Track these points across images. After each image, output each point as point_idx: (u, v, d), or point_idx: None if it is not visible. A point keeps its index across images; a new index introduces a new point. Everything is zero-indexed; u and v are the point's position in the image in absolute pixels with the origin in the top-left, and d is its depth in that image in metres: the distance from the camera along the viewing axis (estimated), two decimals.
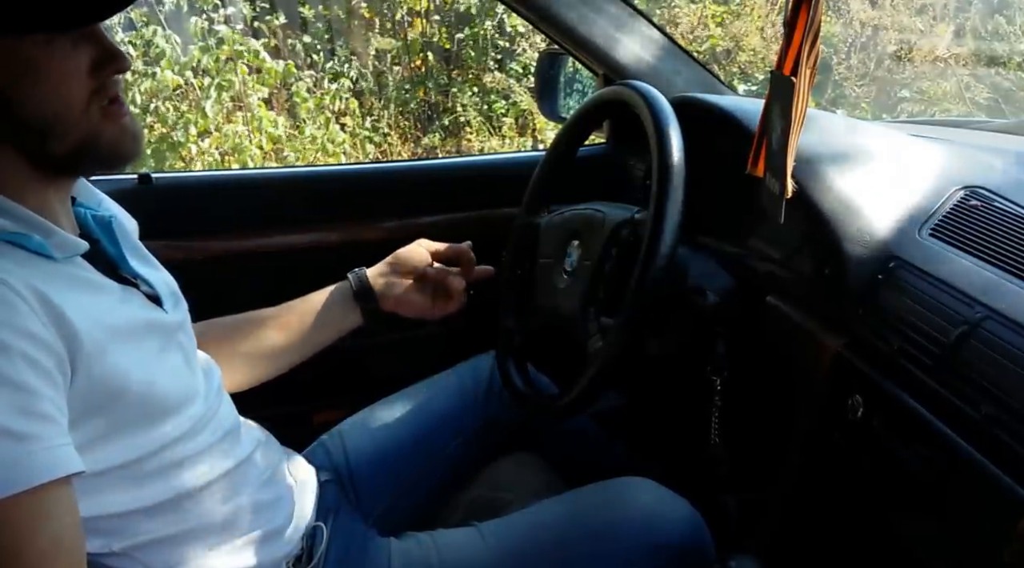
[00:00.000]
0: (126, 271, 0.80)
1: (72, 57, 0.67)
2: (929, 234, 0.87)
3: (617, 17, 1.27)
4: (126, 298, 0.76)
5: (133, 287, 0.78)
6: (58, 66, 0.66)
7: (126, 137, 0.72)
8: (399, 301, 1.08)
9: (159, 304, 0.81)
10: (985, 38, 4.36)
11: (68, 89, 0.67)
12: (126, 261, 0.80)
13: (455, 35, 4.40)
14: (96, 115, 0.69)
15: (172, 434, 0.75)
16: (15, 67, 0.65)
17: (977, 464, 0.69)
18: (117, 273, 0.78)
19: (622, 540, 0.93)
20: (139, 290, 0.79)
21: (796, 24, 0.74)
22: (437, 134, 4.26)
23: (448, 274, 1.09)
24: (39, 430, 0.60)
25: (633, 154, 1.40)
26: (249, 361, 1.03)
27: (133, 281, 0.79)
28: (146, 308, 0.78)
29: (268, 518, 0.86)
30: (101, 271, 0.75)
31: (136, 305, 0.77)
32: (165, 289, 0.84)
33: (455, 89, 4.36)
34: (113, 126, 0.71)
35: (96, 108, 0.69)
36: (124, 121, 0.72)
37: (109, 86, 0.70)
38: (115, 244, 0.80)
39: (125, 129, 0.72)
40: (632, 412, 1.37)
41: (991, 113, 4.07)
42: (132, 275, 0.80)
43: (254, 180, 1.42)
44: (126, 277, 0.79)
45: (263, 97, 3.69)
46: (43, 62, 0.65)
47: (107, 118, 0.70)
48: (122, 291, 0.76)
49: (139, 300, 0.78)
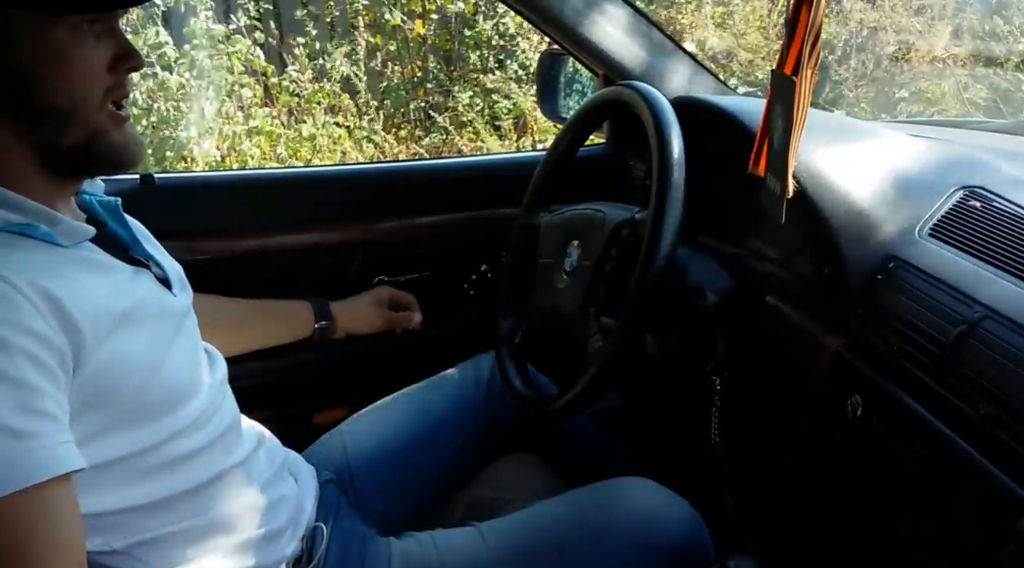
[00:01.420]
0: (138, 252, 0.80)
1: (95, 50, 0.68)
2: (928, 234, 0.87)
3: (617, 17, 1.27)
4: (137, 278, 0.77)
5: (144, 268, 0.79)
6: (84, 56, 0.68)
7: (130, 142, 0.74)
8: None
9: (168, 288, 0.81)
10: (983, 38, 4.36)
11: (88, 81, 0.69)
12: (138, 243, 0.81)
13: (455, 35, 4.40)
14: (107, 114, 0.71)
15: (174, 428, 0.75)
16: (44, 52, 0.66)
17: (976, 464, 0.69)
18: (128, 255, 0.79)
19: (622, 540, 0.93)
20: (150, 271, 0.80)
21: (797, 23, 0.74)
22: (436, 134, 4.26)
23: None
24: (40, 427, 0.61)
25: (633, 154, 1.40)
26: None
27: (144, 262, 0.80)
28: (157, 289, 0.79)
29: (268, 518, 0.86)
30: (111, 253, 0.76)
31: (147, 286, 0.78)
32: (174, 274, 0.85)
33: (456, 88, 4.36)
34: (119, 130, 0.72)
35: (107, 108, 0.71)
36: (127, 127, 0.74)
37: (123, 84, 0.72)
38: (124, 226, 0.81)
39: (129, 135, 0.74)
40: (632, 412, 1.37)
41: (989, 113, 4.07)
42: (144, 256, 0.81)
43: (255, 180, 1.42)
44: (137, 258, 0.79)
45: (258, 95, 3.69)
46: (71, 50, 0.67)
47: (114, 120, 0.72)
48: (133, 272, 0.77)
49: (150, 281, 0.79)
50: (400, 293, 1.33)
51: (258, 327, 1.18)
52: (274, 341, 1.20)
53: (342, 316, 1.24)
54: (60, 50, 0.66)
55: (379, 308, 1.29)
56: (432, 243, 1.42)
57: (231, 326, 1.12)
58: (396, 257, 1.40)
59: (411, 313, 1.32)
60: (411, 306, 1.32)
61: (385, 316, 1.29)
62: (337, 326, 1.23)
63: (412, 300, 1.33)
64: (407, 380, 1.20)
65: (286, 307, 1.21)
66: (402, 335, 1.32)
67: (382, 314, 1.29)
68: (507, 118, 4.16)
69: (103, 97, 0.70)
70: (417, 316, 1.32)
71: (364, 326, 1.27)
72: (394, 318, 1.30)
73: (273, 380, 1.25)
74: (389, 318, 1.30)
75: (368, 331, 1.28)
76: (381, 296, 1.30)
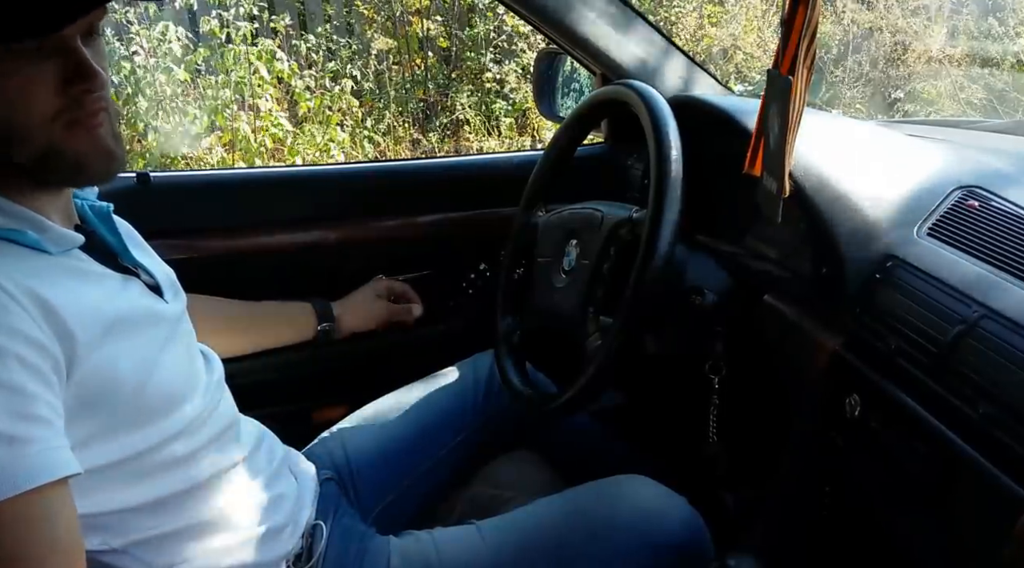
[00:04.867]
0: (127, 261, 0.80)
1: (37, 69, 0.65)
2: (927, 233, 0.87)
3: (615, 17, 1.27)
4: (126, 287, 0.76)
5: (134, 276, 0.79)
6: (18, 76, 0.64)
7: (96, 154, 0.69)
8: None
9: (159, 295, 0.81)
10: (978, 39, 4.37)
11: (28, 100, 0.65)
12: (127, 251, 0.81)
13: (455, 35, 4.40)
14: (59, 129, 0.66)
15: (171, 430, 0.75)
16: None
17: (975, 463, 0.69)
18: (117, 263, 0.78)
19: (621, 538, 0.93)
20: (139, 279, 0.79)
21: (793, 23, 0.74)
22: (436, 134, 4.26)
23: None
24: (34, 433, 0.60)
25: (631, 153, 1.40)
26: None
27: (133, 270, 0.79)
28: (146, 297, 0.79)
29: (268, 516, 0.86)
30: (100, 261, 0.75)
31: (136, 294, 0.77)
32: (165, 280, 0.84)
33: (454, 89, 4.36)
34: (81, 142, 0.68)
35: (61, 122, 0.66)
36: (96, 137, 0.68)
37: (85, 102, 0.67)
38: (114, 233, 0.80)
39: (97, 146, 0.69)
40: (631, 411, 1.38)
41: (985, 114, 4.08)
42: (133, 264, 0.80)
43: (252, 179, 1.42)
44: (126, 267, 0.79)
45: (271, 95, 3.68)
46: (2, 71, 0.63)
47: (73, 133, 0.67)
48: (122, 280, 0.76)
49: (140, 289, 0.78)
50: (397, 284, 1.32)
51: (260, 329, 1.17)
52: (276, 343, 1.19)
53: (344, 316, 1.23)
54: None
55: (379, 302, 1.28)
56: (431, 242, 1.42)
57: (233, 328, 1.12)
58: (395, 256, 1.40)
59: (411, 305, 1.31)
60: (408, 294, 1.32)
61: (386, 309, 1.29)
62: (340, 326, 1.22)
63: (408, 288, 1.33)
64: (406, 378, 1.20)
65: (288, 309, 1.20)
66: (402, 333, 1.32)
67: (383, 307, 1.28)
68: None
69: (52, 116, 0.66)
70: (418, 308, 1.31)
71: (367, 322, 1.26)
72: (395, 310, 1.30)
73: (273, 378, 1.25)
74: (391, 311, 1.29)
75: (372, 326, 1.27)
76: (379, 289, 1.29)
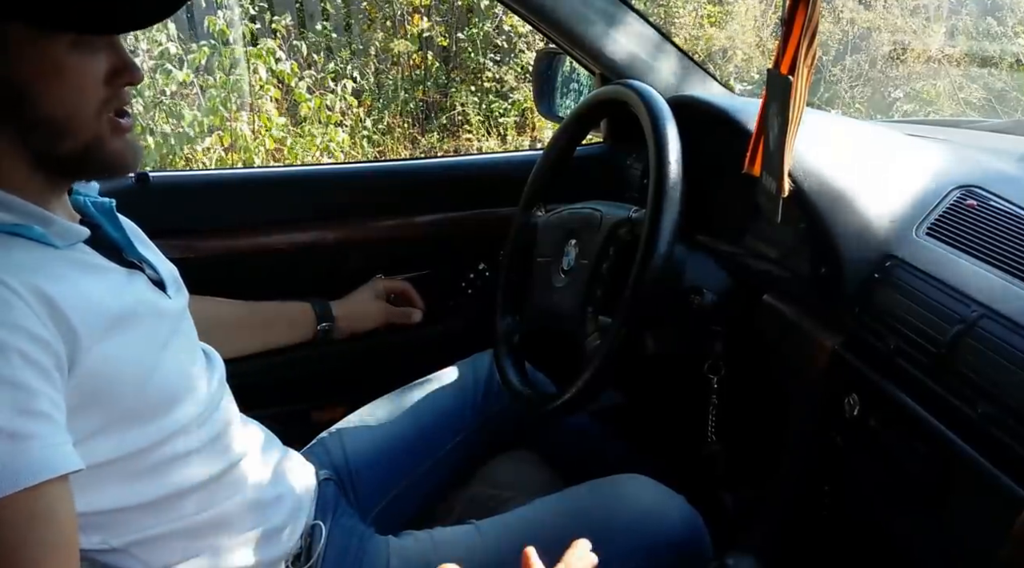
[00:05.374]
0: (131, 255, 0.80)
1: (92, 63, 0.69)
2: (925, 233, 0.87)
3: (614, 16, 1.27)
4: (131, 281, 0.77)
5: (138, 271, 0.79)
6: (80, 70, 0.68)
7: (129, 150, 0.74)
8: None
9: (163, 290, 0.81)
10: (977, 39, 4.38)
11: (84, 93, 0.69)
12: (131, 245, 0.81)
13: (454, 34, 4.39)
14: (105, 123, 0.71)
15: (171, 428, 0.75)
16: (40, 65, 0.66)
17: (974, 463, 0.70)
18: (122, 257, 0.79)
19: (620, 538, 0.93)
20: (144, 274, 0.80)
21: (794, 23, 0.74)
22: (435, 133, 4.26)
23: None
24: (36, 429, 0.60)
25: (630, 153, 1.40)
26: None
27: (138, 265, 0.80)
28: (151, 292, 0.79)
29: (267, 516, 0.86)
30: (105, 255, 0.76)
31: (141, 288, 0.78)
32: (169, 276, 0.85)
33: (453, 89, 4.35)
34: (119, 137, 0.72)
35: (106, 117, 0.71)
36: (128, 135, 0.74)
37: (121, 96, 0.72)
38: (118, 228, 0.81)
39: (128, 142, 0.74)
40: (630, 410, 1.38)
41: (984, 113, 4.08)
42: (137, 259, 0.81)
43: (252, 179, 1.42)
44: (131, 261, 0.79)
45: (272, 96, 3.68)
46: (67, 64, 0.67)
47: (115, 128, 0.72)
48: (127, 274, 0.77)
49: (144, 284, 0.79)
50: (397, 283, 1.33)
51: (259, 330, 1.18)
52: (276, 343, 1.20)
53: (344, 316, 1.23)
54: (56, 64, 0.67)
55: (378, 302, 1.29)
56: (431, 242, 1.42)
57: (232, 329, 1.12)
58: (395, 256, 1.40)
59: (411, 310, 1.32)
60: (409, 293, 1.33)
61: (386, 309, 1.29)
62: (339, 327, 1.23)
63: (408, 287, 1.33)
64: (405, 378, 1.20)
65: (287, 309, 1.21)
66: (401, 333, 1.32)
67: (382, 308, 1.29)
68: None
69: (100, 108, 0.70)
70: (417, 314, 1.32)
71: (366, 323, 1.27)
72: (394, 311, 1.30)
73: (272, 378, 1.25)
74: (390, 311, 1.30)
75: (371, 327, 1.28)
76: (378, 289, 1.30)
